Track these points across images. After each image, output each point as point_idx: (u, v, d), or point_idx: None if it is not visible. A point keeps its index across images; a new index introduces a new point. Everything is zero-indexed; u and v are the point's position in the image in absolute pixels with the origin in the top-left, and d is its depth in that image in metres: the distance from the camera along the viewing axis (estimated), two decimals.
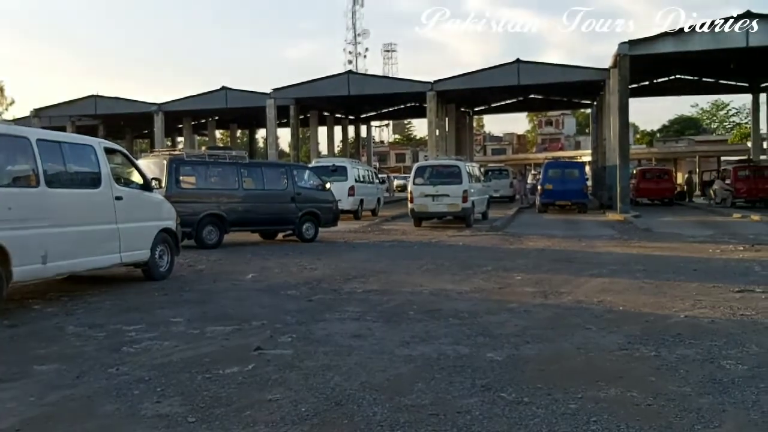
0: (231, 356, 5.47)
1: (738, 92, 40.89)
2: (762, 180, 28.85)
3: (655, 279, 9.49)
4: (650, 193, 32.22)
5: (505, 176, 35.48)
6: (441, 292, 8.49)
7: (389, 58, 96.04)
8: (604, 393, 4.51)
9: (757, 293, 8.24)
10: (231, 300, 8.08)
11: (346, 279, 9.66)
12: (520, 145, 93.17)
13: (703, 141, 64.87)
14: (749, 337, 6.01)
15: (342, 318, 6.97)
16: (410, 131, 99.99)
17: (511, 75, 29.32)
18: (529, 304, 7.67)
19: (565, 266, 10.98)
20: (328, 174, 20.71)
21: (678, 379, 4.83)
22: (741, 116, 76.23)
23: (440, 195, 19.08)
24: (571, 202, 26.44)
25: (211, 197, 14.29)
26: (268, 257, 12.57)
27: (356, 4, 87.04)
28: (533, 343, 5.87)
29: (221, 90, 34.96)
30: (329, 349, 5.67)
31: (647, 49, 24.06)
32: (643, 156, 54.52)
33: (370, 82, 34.70)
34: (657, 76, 33.74)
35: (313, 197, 15.97)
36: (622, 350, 5.63)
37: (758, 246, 13.68)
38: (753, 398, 4.38)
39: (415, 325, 6.60)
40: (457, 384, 4.72)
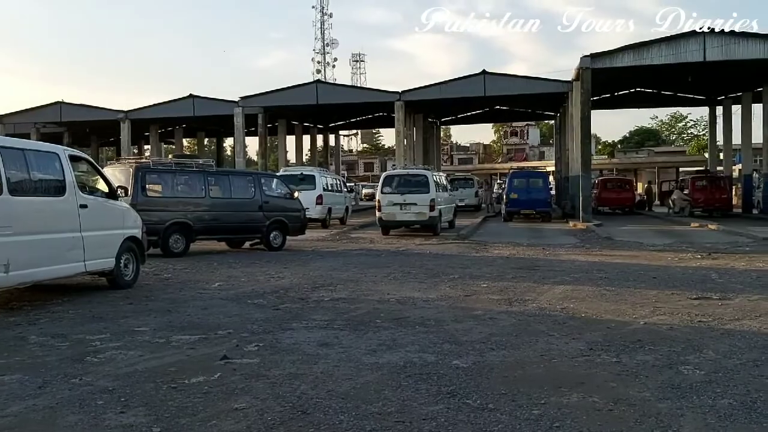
0: (196, 365, 5.45)
1: (696, 105, 41.96)
2: (719, 190, 29.62)
3: (616, 286, 9.69)
4: (611, 202, 32.85)
5: (470, 185, 35.74)
6: (408, 300, 8.55)
7: (358, 68, 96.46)
8: (567, 399, 4.61)
9: (714, 300, 8.48)
10: (197, 309, 8.03)
11: (314, 287, 9.67)
12: (487, 155, 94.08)
13: (662, 152, 66.33)
14: (706, 343, 6.19)
15: (309, 326, 6.98)
16: (378, 140, 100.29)
17: (478, 86, 29.69)
18: (494, 312, 7.78)
19: (530, 274, 11.15)
20: (296, 182, 20.69)
21: (638, 384, 4.95)
22: (698, 128, 78.21)
23: (408, 204, 19.19)
24: (535, 211, 26.82)
25: (177, 205, 14.17)
26: (234, 266, 12.50)
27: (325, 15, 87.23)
28: (498, 350, 5.96)
29: (189, 98, 34.67)
30: (296, 358, 5.68)
31: (608, 63, 24.60)
32: (604, 166, 55.57)
33: (339, 92, 34.79)
34: (618, 88, 34.46)
35: (280, 206, 15.94)
36: (584, 356, 5.76)
37: (715, 254, 14.05)
38: (710, 403, 4.51)
39: (382, 333, 6.65)
40: (423, 391, 4.77)
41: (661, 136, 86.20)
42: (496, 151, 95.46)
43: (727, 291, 9.20)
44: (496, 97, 32.58)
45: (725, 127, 34.58)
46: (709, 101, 36.44)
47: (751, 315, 7.51)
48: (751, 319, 7.31)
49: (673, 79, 30.75)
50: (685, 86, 33.25)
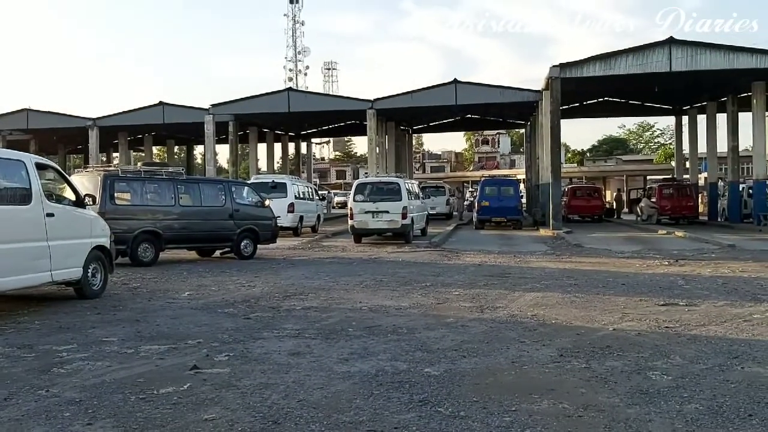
0: (166, 376, 5.38)
1: (662, 114, 42.75)
2: (685, 198, 30.20)
3: (586, 293, 9.81)
4: (581, 210, 33.25)
5: (441, 193, 35.75)
6: (380, 309, 8.55)
7: (330, 76, 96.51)
8: (537, 405, 4.64)
9: (681, 306, 8.63)
10: (166, 318, 7.94)
11: (285, 296, 9.62)
12: (458, 163, 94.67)
13: (630, 160, 67.47)
14: (673, 349, 6.29)
15: (280, 335, 6.94)
16: (351, 148, 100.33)
17: (449, 95, 29.86)
18: (465, 319, 7.82)
19: (501, 281, 11.24)
20: (268, 190, 20.58)
21: (607, 390, 5.01)
22: (665, 137, 79.69)
23: (380, 212, 19.22)
24: (506, 218, 27.04)
25: (146, 214, 14.03)
26: (204, 275, 12.39)
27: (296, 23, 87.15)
28: (469, 358, 5.99)
29: (158, 105, 34.28)
30: (267, 367, 5.64)
31: (577, 72, 24.95)
32: (574, 174, 56.21)
33: (311, 100, 34.68)
34: (587, 98, 34.96)
35: (251, 214, 15.84)
36: (555, 363, 5.81)
37: (682, 261, 14.30)
38: (677, 408, 4.58)
39: (354, 341, 6.64)
40: (395, 399, 4.77)
41: (629, 145, 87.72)
42: (468, 159, 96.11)
43: (693, 297, 9.36)
44: (468, 105, 32.80)
45: (691, 136, 35.25)
46: (676, 111, 37.14)
47: (717, 321, 7.65)
48: (716, 324, 7.45)
49: (640, 89, 31.30)
50: (652, 96, 33.87)
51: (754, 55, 24.08)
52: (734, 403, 4.64)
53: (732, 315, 7.98)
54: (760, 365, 5.69)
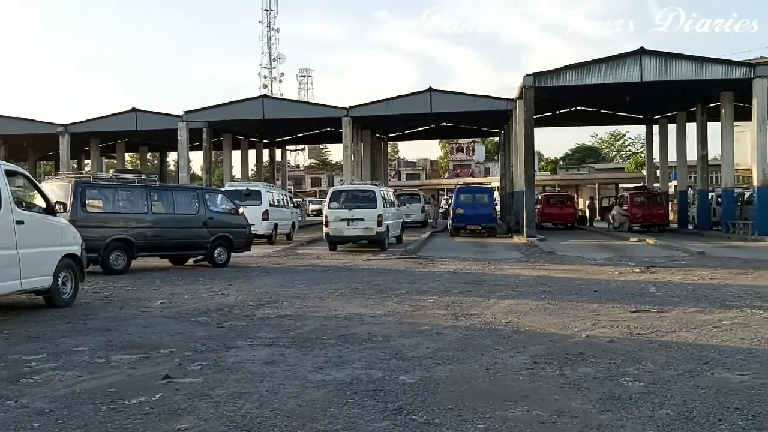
0: (137, 386, 5.31)
1: (634, 123, 43.35)
2: (656, 206, 30.67)
3: (559, 300, 9.90)
4: (554, 217, 33.57)
5: (416, 201, 35.82)
6: (355, 317, 8.54)
7: (305, 83, 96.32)
8: (511, 412, 4.67)
9: (652, 313, 8.74)
10: (138, 327, 7.84)
11: (259, 305, 9.56)
12: (433, 171, 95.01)
13: (603, 169, 68.34)
14: (645, 355, 6.36)
15: (254, 344, 6.89)
16: (326, 156, 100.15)
17: (424, 103, 30.00)
18: (440, 327, 7.84)
19: (475, 288, 11.29)
20: (242, 198, 20.46)
21: (580, 396, 5.06)
22: (636, 146, 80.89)
23: (355, 219, 19.21)
24: (481, 226, 27.20)
25: (118, 221, 13.87)
26: (177, 283, 12.27)
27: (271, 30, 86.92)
28: (444, 365, 6.00)
29: (131, 111, 33.93)
30: (240, 376, 5.60)
31: (550, 82, 25.25)
32: (547, 182, 56.71)
33: (286, 107, 34.61)
34: (560, 107, 35.36)
35: (225, 221, 15.74)
36: (529, 370, 5.85)
37: (653, 268, 14.50)
38: (649, 414, 4.63)
39: (329, 350, 6.62)
40: (370, 408, 4.76)
41: (601, 154, 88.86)
42: (443, 167, 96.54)
43: (664, 304, 9.49)
44: (443, 113, 32.99)
45: (661, 145, 35.83)
46: (646, 120, 37.72)
47: (687, 327, 7.76)
48: (687, 331, 7.55)
49: (612, 99, 31.72)
50: (624, 105, 34.36)
51: (722, 66, 24.60)
52: (704, 409, 4.71)
53: (702, 321, 8.10)
54: (729, 371, 5.78)
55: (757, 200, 24.30)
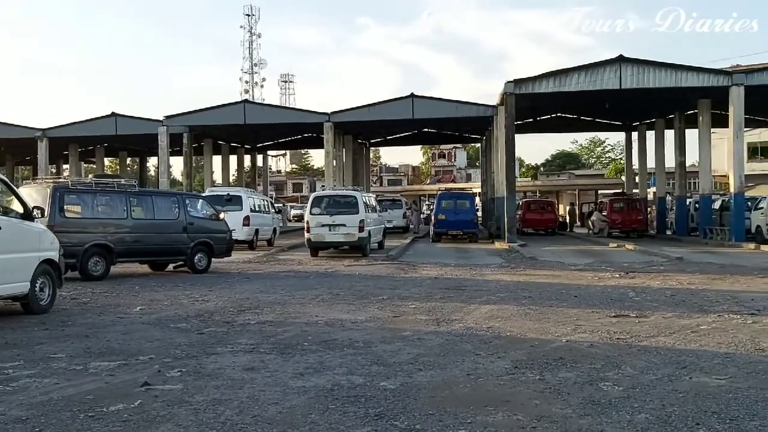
0: (116, 393, 5.25)
1: (613, 130, 43.82)
2: (635, 212, 31.00)
3: (540, 305, 9.95)
4: (535, 223, 33.79)
5: (398, 206, 35.77)
6: (336, 322, 8.52)
7: (287, 88, 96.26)
8: (492, 417, 4.68)
9: (632, 318, 8.81)
10: (117, 334, 7.75)
11: (240, 311, 9.50)
12: (415, 177, 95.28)
13: (582, 175, 68.95)
14: (624, 360, 6.41)
15: (234, 351, 6.84)
16: (308, 161, 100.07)
17: (406, 109, 30.08)
18: (422, 332, 7.84)
19: (457, 294, 11.31)
20: (223, 203, 20.35)
21: (560, 401, 5.08)
22: (616, 152, 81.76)
23: (337, 225, 19.18)
24: (462, 231, 27.29)
25: (97, 227, 13.74)
26: (157, 289, 12.16)
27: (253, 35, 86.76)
28: (426, 371, 6.00)
29: (111, 116, 33.65)
30: (220, 383, 5.56)
31: (531, 88, 25.45)
32: (528, 188, 57.09)
33: (267, 112, 34.52)
34: (540, 113, 35.61)
35: (206, 227, 15.64)
36: (509, 375, 5.87)
37: (632, 273, 14.63)
38: (628, 418, 4.66)
39: (310, 356, 6.59)
40: (351, 414, 4.75)
41: (581, 160, 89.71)
42: (425, 173, 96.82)
43: (643, 309, 9.57)
44: (425, 119, 33.07)
45: (640, 152, 36.23)
46: (626, 127, 38.13)
47: (666, 332, 7.83)
48: (666, 335, 7.63)
49: (592, 105, 32.05)
50: (603, 112, 34.72)
51: (700, 73, 24.95)
52: (682, 413, 4.75)
53: (680, 326, 8.19)
54: (707, 375, 5.85)
55: (734, 206, 24.65)
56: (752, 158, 42.08)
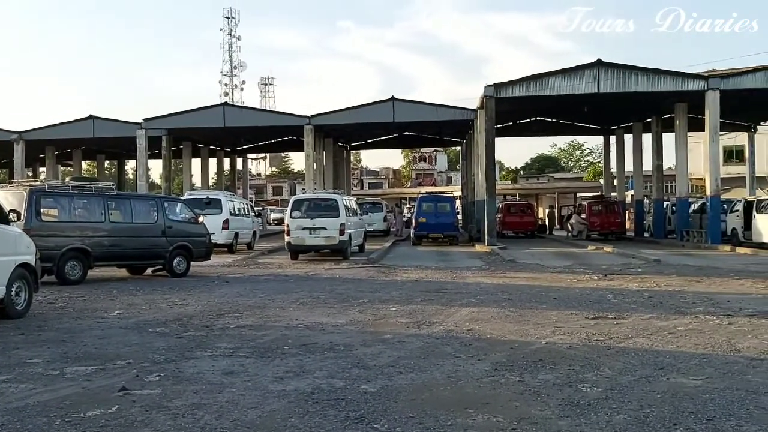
0: (93, 398, 5.20)
1: (592, 134, 44.28)
2: (613, 215, 31.32)
3: (519, 307, 10.01)
4: (515, 226, 33.99)
5: (379, 210, 35.75)
6: (317, 326, 8.49)
7: (267, 91, 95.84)
8: (472, 420, 4.69)
9: (610, 320, 8.90)
10: (94, 338, 7.67)
11: (219, 315, 9.44)
12: (396, 180, 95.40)
13: (562, 178, 69.48)
14: (603, 361, 6.47)
15: (214, 355, 6.80)
16: (288, 164, 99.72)
17: (387, 112, 30.09)
18: (402, 335, 7.84)
19: (437, 297, 11.34)
20: (202, 207, 20.24)
21: (540, 403, 5.11)
22: (594, 156, 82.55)
23: (317, 228, 19.14)
24: (443, 234, 27.40)
25: (74, 230, 13.59)
26: (135, 293, 12.05)
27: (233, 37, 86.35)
28: (406, 373, 6.00)
29: (88, 119, 33.27)
30: (199, 387, 5.51)
31: (511, 92, 25.61)
32: (508, 191, 57.37)
33: (247, 115, 34.32)
34: (520, 117, 35.87)
35: (185, 230, 15.53)
36: (489, 377, 5.89)
37: (610, 276, 14.77)
38: (606, 419, 4.70)
39: (290, 359, 6.57)
40: (331, 417, 4.74)
41: (560, 163, 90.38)
42: (406, 176, 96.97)
43: (621, 311, 9.67)
44: (405, 123, 33.13)
45: (618, 155, 36.61)
46: (604, 131, 38.49)
47: (644, 333, 7.92)
48: (643, 337, 7.71)
49: (571, 109, 32.34)
50: (582, 116, 35.05)
51: (677, 78, 25.28)
52: (660, 413, 4.80)
53: (658, 328, 8.28)
54: (684, 376, 5.91)
55: (710, 209, 24.99)
56: (728, 161, 42.67)
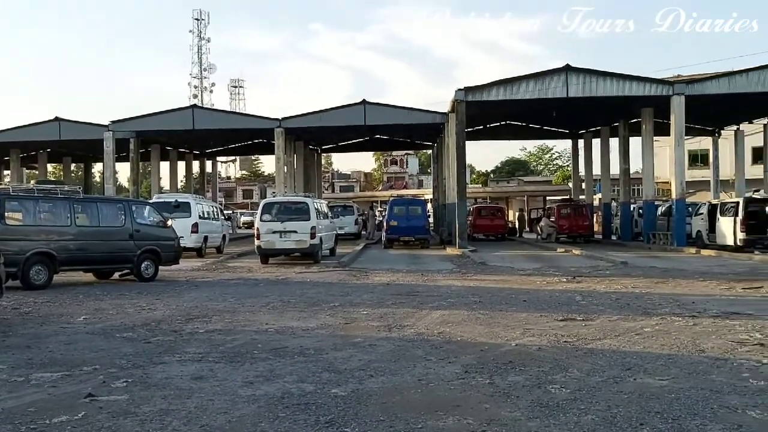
0: (59, 405, 5.10)
1: (560, 138, 44.72)
2: (581, 217, 31.68)
3: (490, 310, 10.07)
4: (485, 229, 34.20)
5: (350, 213, 35.67)
6: (287, 330, 8.45)
7: (237, 93, 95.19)
8: (443, 422, 4.70)
9: (578, 321, 9.00)
10: (60, 344, 7.53)
11: (188, 319, 9.33)
12: (367, 183, 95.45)
13: (531, 181, 70.13)
14: (571, 362, 6.54)
15: (182, 360, 6.72)
16: (258, 167, 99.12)
17: (358, 115, 30.07)
18: (373, 338, 7.84)
19: (408, 300, 11.36)
20: (170, 210, 20.01)
21: (509, 404, 5.15)
22: (563, 159, 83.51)
23: (288, 231, 19.04)
24: (414, 237, 27.45)
25: (39, 234, 13.33)
26: (102, 298, 11.86)
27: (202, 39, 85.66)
28: (377, 377, 6.00)
29: (54, 121, 32.69)
30: (168, 393, 5.45)
31: (481, 96, 25.79)
32: (478, 195, 57.79)
33: (216, 117, 34.05)
34: (490, 121, 36.13)
35: (153, 234, 15.33)
36: (460, 379, 5.91)
37: (579, 278, 14.94)
38: (575, 419, 4.76)
39: (260, 364, 6.52)
40: (301, 422, 4.71)
41: (529, 167, 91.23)
42: (377, 179, 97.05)
43: (589, 312, 9.78)
44: (376, 126, 33.12)
45: (586, 159, 37.07)
46: (572, 135, 38.97)
47: (612, 334, 8.02)
48: (611, 338, 7.81)
49: (540, 113, 32.67)
50: (551, 120, 35.43)
51: (643, 83, 25.68)
52: (627, 413, 4.87)
53: (625, 329, 8.39)
54: (651, 376, 6.01)
55: (675, 212, 25.44)
56: (693, 165, 43.49)
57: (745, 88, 24.99)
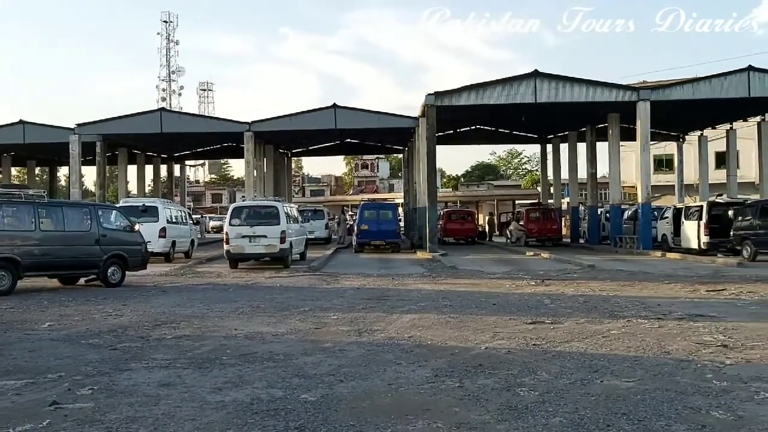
0: (23, 413, 5.00)
1: (529, 142, 45.19)
2: (550, 221, 32.06)
3: (460, 313, 10.12)
4: (456, 233, 34.41)
5: (320, 217, 35.42)
6: (256, 335, 8.39)
7: (206, 97, 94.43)
8: (413, 426, 4.71)
9: (547, 324, 9.09)
10: (23, 351, 7.38)
11: (155, 325, 9.21)
12: (338, 187, 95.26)
13: (501, 185, 70.80)
14: (540, 365, 6.60)
15: (149, 366, 6.63)
16: (227, 171, 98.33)
17: (328, 119, 30.01)
18: (344, 343, 7.82)
19: (379, 304, 11.35)
20: (138, 214, 19.75)
21: (479, 408, 5.18)
22: (532, 164, 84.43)
23: (258, 236, 18.90)
24: (385, 241, 27.48)
25: (3, 239, 13.04)
26: (67, 304, 11.65)
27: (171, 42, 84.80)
28: (347, 382, 5.99)
29: (18, 124, 32.09)
30: (134, 400, 5.37)
31: (451, 101, 25.93)
32: (449, 199, 58.05)
33: (185, 121, 33.67)
34: (460, 125, 36.38)
35: (119, 239, 15.11)
36: (430, 383, 5.93)
37: (547, 281, 15.09)
38: (543, 422, 4.80)
39: (228, 370, 6.46)
40: (270, 428, 4.68)
41: (499, 171, 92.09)
42: (348, 183, 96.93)
43: (558, 315, 9.89)
44: (347, 130, 33.07)
45: (554, 164, 37.54)
46: (541, 139, 39.42)
47: (579, 337, 8.12)
48: (579, 341, 7.90)
49: (509, 118, 32.99)
50: (520, 125, 35.81)
51: (610, 89, 26.07)
52: (594, 415, 4.93)
53: (592, 331, 8.50)
54: (617, 378, 6.09)
55: (641, 216, 25.85)
56: (658, 170, 44.26)
57: (708, 94, 25.52)
